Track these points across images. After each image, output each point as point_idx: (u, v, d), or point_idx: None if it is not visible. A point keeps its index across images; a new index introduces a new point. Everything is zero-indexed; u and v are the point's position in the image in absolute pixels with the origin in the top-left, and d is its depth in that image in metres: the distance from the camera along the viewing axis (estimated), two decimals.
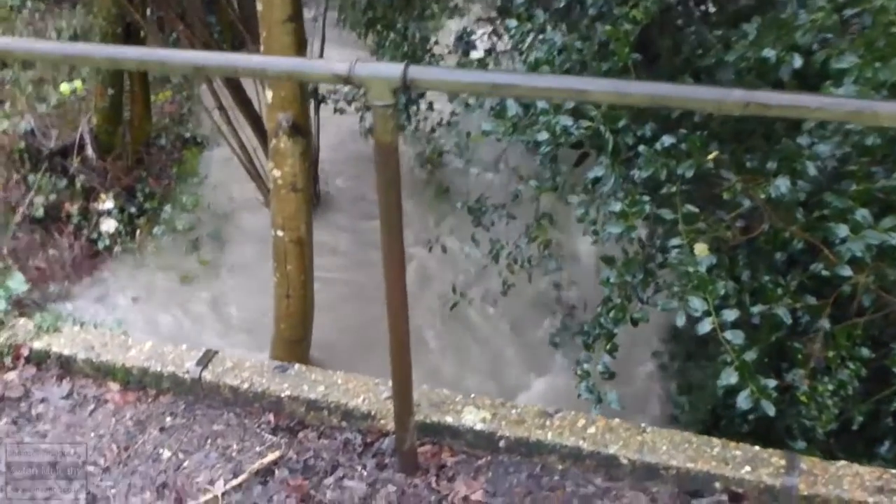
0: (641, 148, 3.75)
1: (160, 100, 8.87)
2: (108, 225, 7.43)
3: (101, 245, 7.29)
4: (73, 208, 7.36)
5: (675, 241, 3.62)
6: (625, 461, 2.53)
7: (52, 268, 6.93)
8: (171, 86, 9.28)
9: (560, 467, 2.62)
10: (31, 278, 6.40)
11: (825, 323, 3.35)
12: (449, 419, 2.69)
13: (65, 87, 7.60)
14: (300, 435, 2.82)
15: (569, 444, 2.58)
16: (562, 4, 4.24)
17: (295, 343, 5.77)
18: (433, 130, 7.98)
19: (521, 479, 2.60)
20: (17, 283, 3.29)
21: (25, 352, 3.13)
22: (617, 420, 2.66)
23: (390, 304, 2.31)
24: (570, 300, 6.59)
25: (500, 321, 6.58)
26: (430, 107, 7.74)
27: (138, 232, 7.44)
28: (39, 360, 3.13)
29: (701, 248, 3.47)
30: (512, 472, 2.63)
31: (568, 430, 2.62)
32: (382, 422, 2.76)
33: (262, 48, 4.74)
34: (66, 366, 3.10)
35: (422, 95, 7.49)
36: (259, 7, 4.62)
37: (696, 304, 3.40)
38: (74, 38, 8.73)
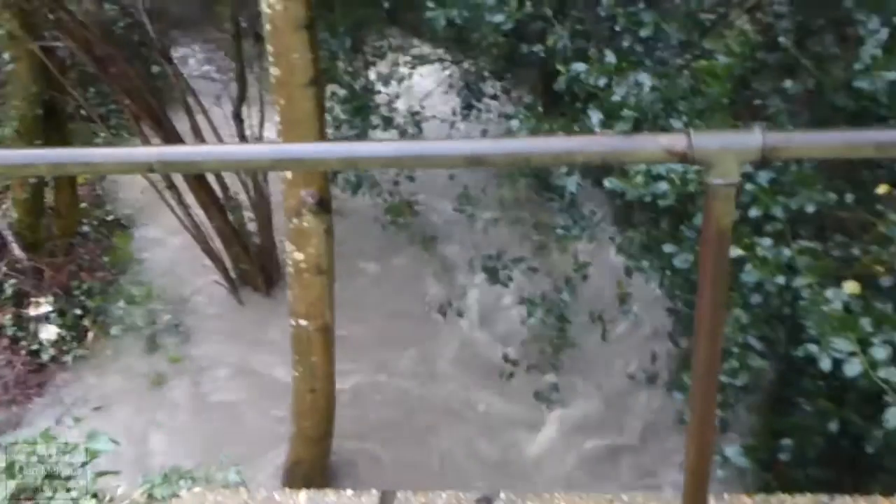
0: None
1: (81, 181, 7.96)
2: (49, 332, 6.51)
3: (44, 356, 6.35)
4: (5, 318, 6.41)
5: (803, 281, 3.41)
6: None
7: None
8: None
9: None
10: None
11: None
12: None
13: None
14: None
15: None
16: None
17: (318, 440, 5.18)
18: (396, 183, 7.53)
19: None
20: (104, 443, 2.63)
21: None
22: None
23: (695, 407, 1.92)
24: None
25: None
26: None
27: (90, 335, 6.54)
28: None
29: (852, 286, 3.26)
30: None
31: None
32: None
33: (278, 117, 4.20)
34: None
35: None
36: (275, 72, 4.09)
37: (840, 344, 3.19)
38: None
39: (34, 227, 6.92)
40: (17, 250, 6.65)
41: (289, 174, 4.33)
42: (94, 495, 2.57)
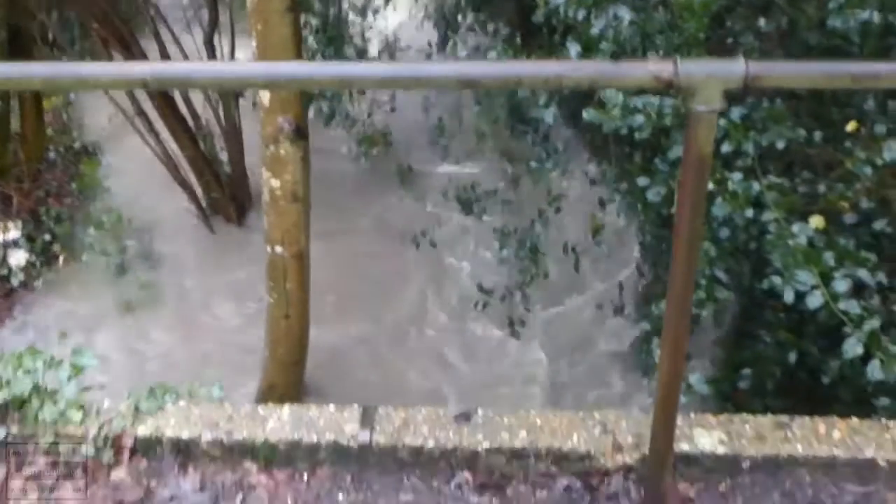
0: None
1: (47, 107, 7.79)
2: (18, 257, 6.46)
3: (14, 282, 6.32)
4: None
5: (770, 216, 3.52)
6: (882, 463, 2.38)
7: None
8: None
9: (809, 479, 2.43)
10: None
11: None
12: (685, 446, 2.42)
13: None
14: (509, 491, 2.46)
15: (822, 454, 2.39)
16: None
17: (292, 365, 5.26)
18: (369, 115, 7.50)
19: (774, 499, 2.40)
20: (89, 358, 2.67)
21: (129, 442, 2.54)
22: (855, 419, 2.50)
23: (669, 329, 2.02)
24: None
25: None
26: (361, 91, 7.30)
27: (60, 260, 6.51)
28: (148, 448, 2.55)
29: (817, 221, 3.37)
30: (759, 493, 2.41)
31: (813, 439, 2.43)
32: (602, 461, 2.46)
33: (255, 42, 4.16)
34: (187, 452, 2.54)
35: None
36: None
37: (804, 277, 3.31)
38: None
39: (1, 152, 6.79)
40: None
41: (266, 101, 4.31)
42: (81, 407, 2.63)
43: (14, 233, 6.52)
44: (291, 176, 4.49)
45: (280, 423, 2.58)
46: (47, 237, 6.63)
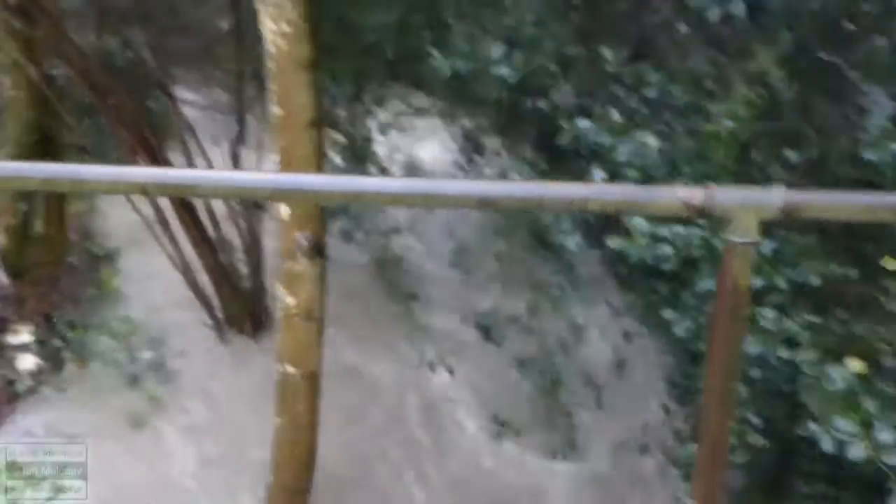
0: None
1: (72, 212, 7.86)
2: (28, 362, 6.34)
3: (20, 387, 6.17)
4: None
5: (805, 356, 3.33)
6: None
7: None
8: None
9: None
10: None
11: None
12: None
13: None
14: None
15: None
16: None
17: (297, 493, 4.99)
18: (387, 234, 7.47)
19: None
20: (75, 477, 2.50)
21: None
22: None
23: (701, 480, 1.81)
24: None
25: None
26: (383, 210, 7.32)
27: (70, 367, 6.37)
28: None
29: (856, 365, 3.17)
30: None
31: None
32: None
33: (279, 157, 4.15)
34: None
35: None
36: (277, 111, 4.05)
37: (843, 425, 3.09)
38: None
39: (20, 253, 6.79)
40: (1, 276, 6.52)
41: (285, 215, 4.26)
42: None
43: (26, 336, 6.43)
44: (307, 294, 4.38)
45: None
46: (59, 342, 6.52)
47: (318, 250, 4.28)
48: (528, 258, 5.82)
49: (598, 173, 3.80)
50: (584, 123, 3.78)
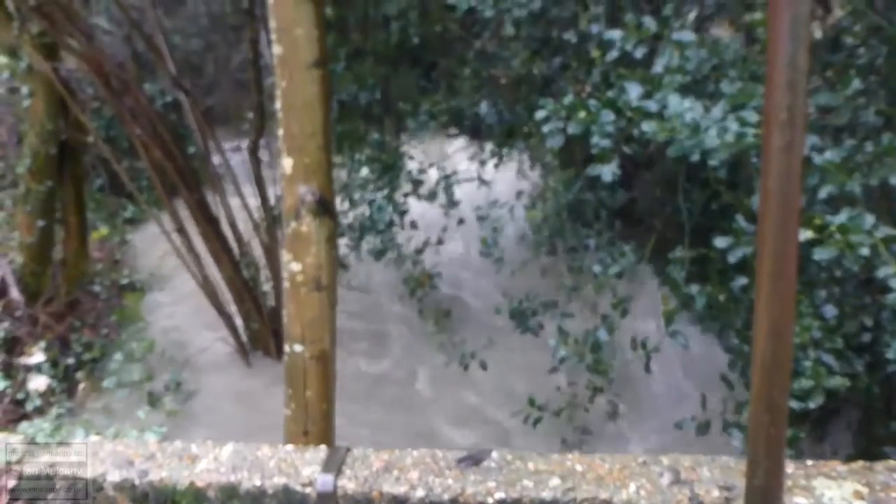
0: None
1: (94, 238, 7.65)
2: (38, 382, 5.99)
3: (29, 406, 5.81)
4: None
5: (890, 269, 2.77)
6: None
7: None
8: (102, 220, 8.15)
9: None
10: None
11: None
12: (801, 501, 1.60)
13: None
14: None
15: None
16: None
17: None
18: (419, 252, 7.05)
19: None
20: None
21: (11, 482, 1.86)
22: None
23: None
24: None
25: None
26: (414, 225, 6.92)
27: (80, 387, 6.01)
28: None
29: None
30: None
31: None
32: None
33: (279, 102, 3.79)
34: (84, 495, 1.85)
35: (404, 213, 6.64)
36: (277, 50, 3.72)
37: None
38: None
39: (39, 274, 6.55)
40: (16, 295, 6.25)
41: (287, 168, 3.86)
42: None
43: (38, 356, 6.10)
44: (315, 259, 3.93)
45: (215, 463, 1.88)
46: (72, 363, 6.18)
47: (324, 206, 3.87)
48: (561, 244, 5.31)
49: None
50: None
